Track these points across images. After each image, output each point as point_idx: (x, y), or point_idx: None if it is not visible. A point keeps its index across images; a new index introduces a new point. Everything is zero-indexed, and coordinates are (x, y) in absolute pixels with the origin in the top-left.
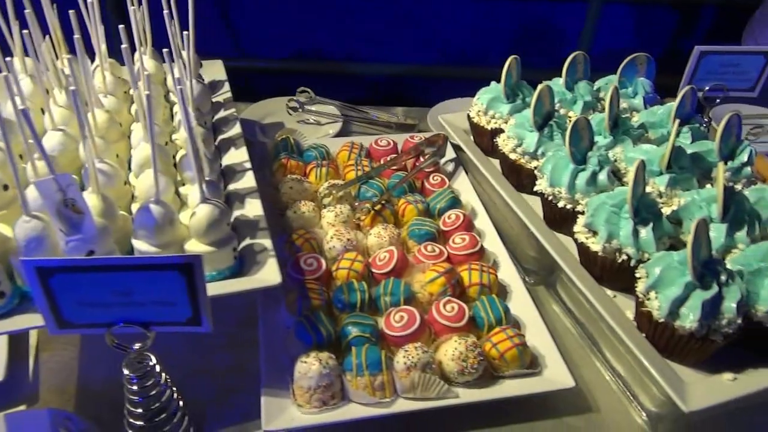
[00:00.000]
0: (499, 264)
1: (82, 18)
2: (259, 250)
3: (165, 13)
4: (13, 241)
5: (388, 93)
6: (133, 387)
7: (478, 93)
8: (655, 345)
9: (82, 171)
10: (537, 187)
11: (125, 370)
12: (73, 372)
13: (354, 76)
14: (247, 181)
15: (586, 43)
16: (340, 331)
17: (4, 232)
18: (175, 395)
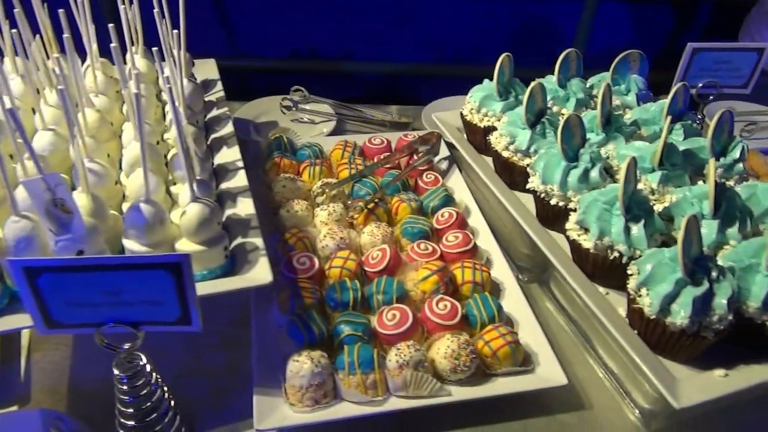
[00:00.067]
0: (492, 262)
1: (74, 17)
2: (251, 249)
3: (155, 11)
4: (3, 241)
5: (385, 92)
6: (123, 387)
7: (471, 91)
8: (646, 342)
9: (73, 170)
10: (529, 185)
11: (115, 370)
12: (65, 372)
13: (350, 74)
14: (239, 180)
15: (581, 42)
16: (333, 329)
17: None
18: (166, 395)
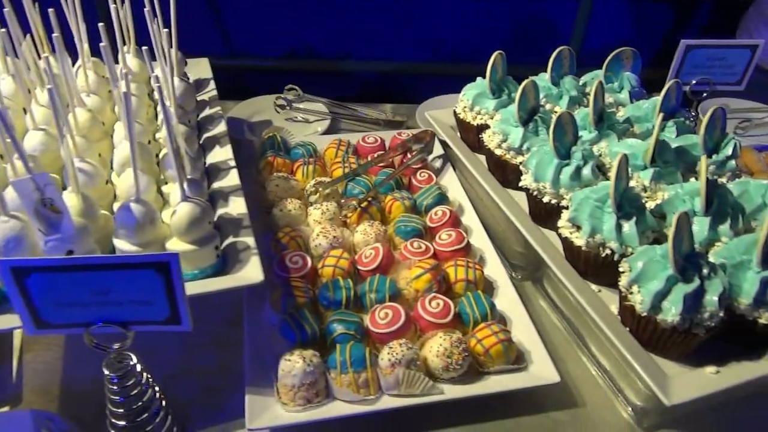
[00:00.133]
0: (485, 260)
1: (66, 17)
2: (242, 248)
3: (146, 10)
4: None
5: (382, 91)
6: (113, 387)
7: (464, 89)
8: (638, 339)
9: (64, 170)
10: (522, 183)
11: (105, 370)
12: (57, 373)
13: (347, 74)
14: (231, 179)
15: (578, 40)
16: (325, 328)
17: None
18: (157, 395)
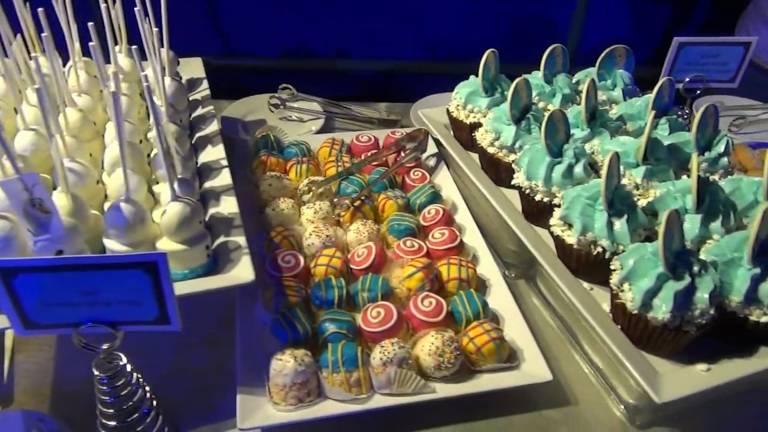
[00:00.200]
0: (479, 258)
1: (56, 16)
2: (234, 247)
3: (136, 10)
4: None
5: (379, 90)
6: (103, 387)
7: (456, 87)
8: (630, 337)
9: (54, 170)
10: (514, 181)
11: (95, 371)
12: (49, 373)
13: (344, 73)
14: (223, 178)
15: (574, 38)
16: (318, 327)
17: None
18: (148, 395)
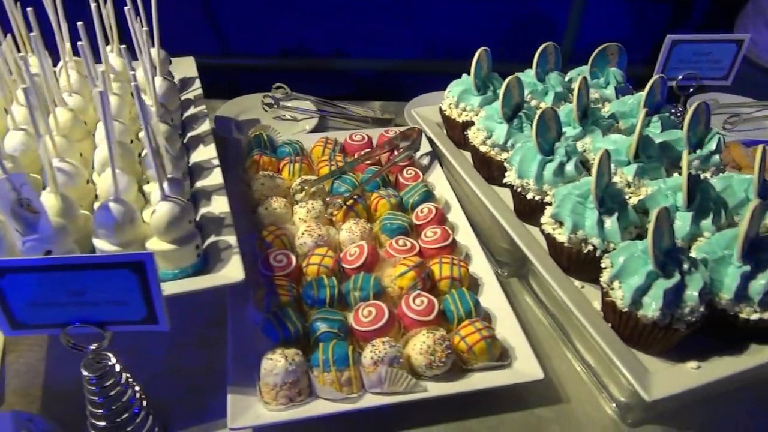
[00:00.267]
0: (471, 257)
1: (47, 16)
2: (224, 247)
3: (126, 9)
4: None
5: (376, 89)
6: (92, 387)
7: (449, 86)
8: (620, 335)
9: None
10: (506, 179)
11: (84, 371)
12: (39, 373)
13: (341, 72)
14: (214, 178)
15: (571, 36)
16: (309, 327)
17: None
18: (137, 395)
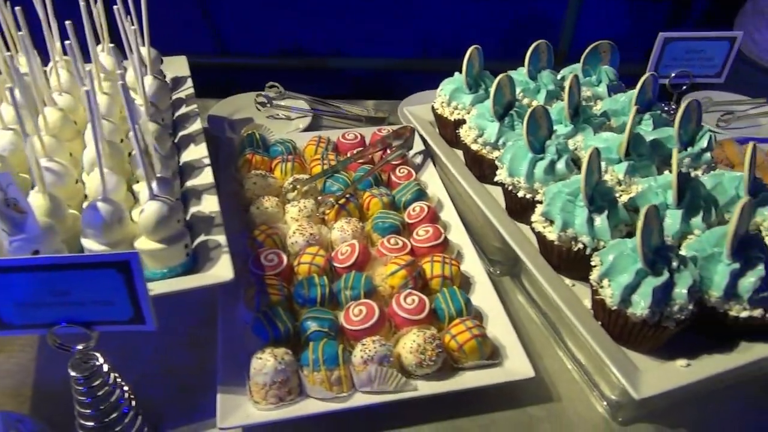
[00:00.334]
0: (463, 255)
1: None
2: (214, 246)
3: (115, 8)
4: None
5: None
6: (80, 387)
7: (441, 84)
8: (610, 333)
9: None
10: (497, 178)
11: (71, 371)
12: (30, 374)
13: (338, 71)
14: (205, 177)
15: (568, 35)
16: (299, 326)
17: None
18: (126, 395)
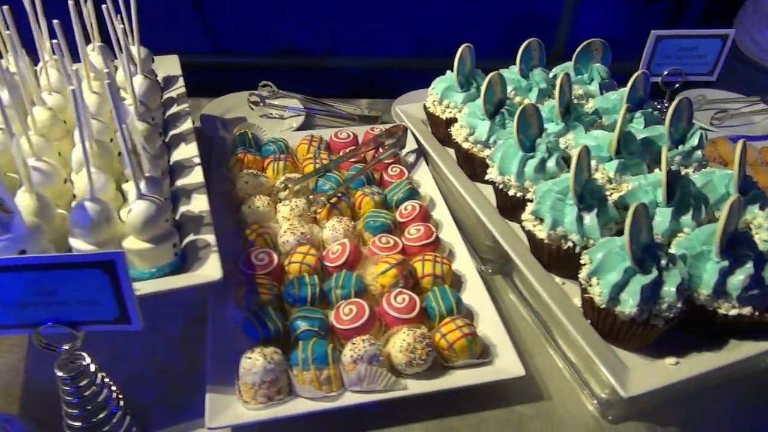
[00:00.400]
0: (455, 254)
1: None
2: (203, 245)
3: (104, 7)
4: None
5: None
6: (66, 388)
7: (433, 82)
8: (599, 331)
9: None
10: (488, 176)
11: (57, 371)
12: (19, 374)
13: (333, 70)
14: (195, 176)
15: (564, 34)
16: (290, 325)
17: None
18: (114, 394)
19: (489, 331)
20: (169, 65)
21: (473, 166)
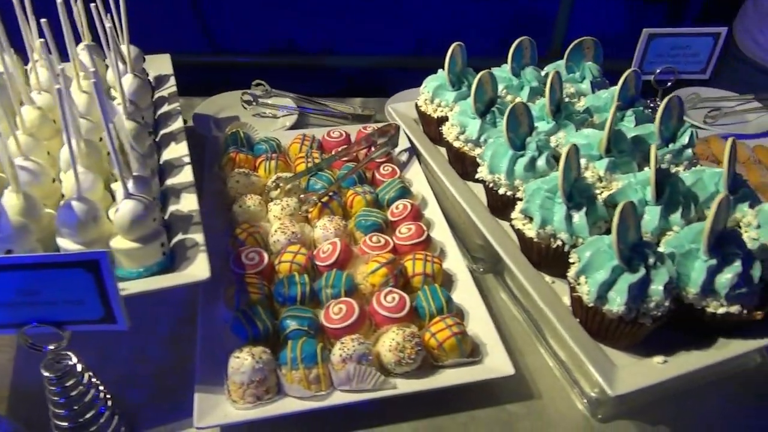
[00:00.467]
0: (446, 253)
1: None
2: (191, 245)
3: (92, 6)
4: None
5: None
6: (53, 388)
7: (424, 81)
8: (588, 330)
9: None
10: (478, 175)
11: (44, 371)
12: (7, 374)
13: (330, 69)
14: (184, 176)
15: (560, 33)
16: (279, 324)
17: None
18: (101, 394)
19: (479, 329)
20: (160, 64)
21: (464, 165)
